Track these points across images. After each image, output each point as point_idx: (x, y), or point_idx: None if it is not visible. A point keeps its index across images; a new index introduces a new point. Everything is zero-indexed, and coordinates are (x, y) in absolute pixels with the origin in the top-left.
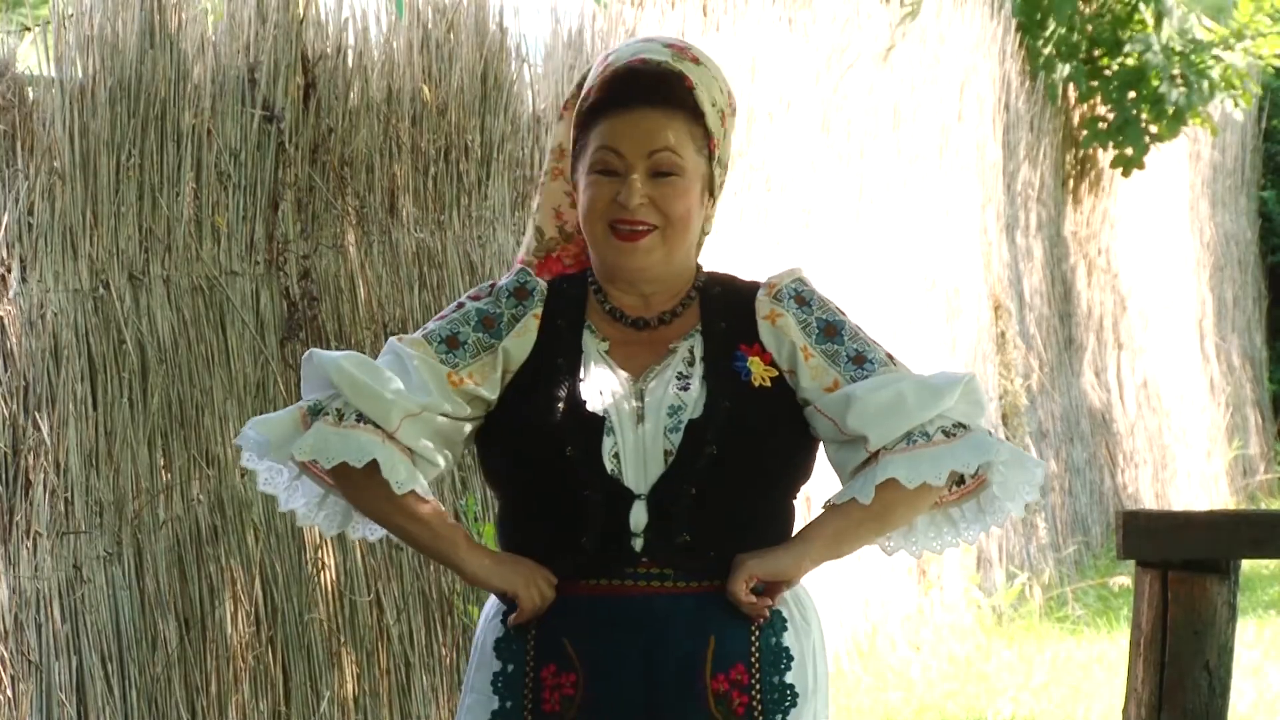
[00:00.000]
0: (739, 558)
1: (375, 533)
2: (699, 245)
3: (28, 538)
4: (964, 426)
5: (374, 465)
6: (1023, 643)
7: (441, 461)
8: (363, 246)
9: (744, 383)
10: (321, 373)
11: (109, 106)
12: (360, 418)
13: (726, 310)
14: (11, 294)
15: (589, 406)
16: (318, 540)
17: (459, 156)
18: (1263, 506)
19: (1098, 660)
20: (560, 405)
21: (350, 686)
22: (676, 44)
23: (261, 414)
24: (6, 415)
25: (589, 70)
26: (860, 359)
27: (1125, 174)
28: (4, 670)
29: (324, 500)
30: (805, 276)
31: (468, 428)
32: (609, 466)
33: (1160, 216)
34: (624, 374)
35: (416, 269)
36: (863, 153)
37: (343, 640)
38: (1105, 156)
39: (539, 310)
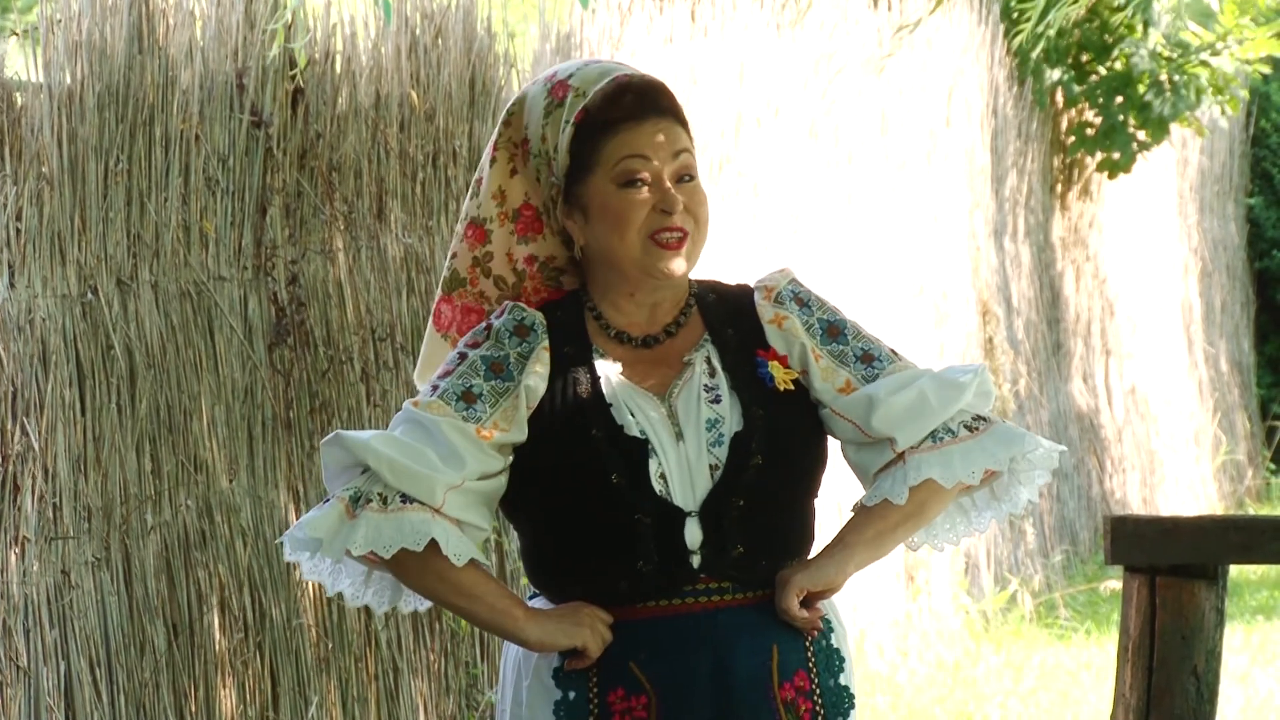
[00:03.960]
0: (782, 574)
1: (425, 604)
2: None
3: (16, 543)
4: (983, 419)
5: (428, 545)
6: (1011, 648)
7: (486, 525)
8: (351, 252)
9: (770, 389)
10: (352, 457)
11: (97, 112)
12: (405, 499)
13: (728, 316)
14: (0, 299)
15: (628, 430)
16: None
17: (447, 162)
18: (1250, 512)
19: (1086, 666)
20: (597, 433)
21: (338, 692)
22: (619, 62)
23: (248, 420)
24: None
25: (516, 106)
26: (868, 357)
27: (1111, 176)
28: None
29: (369, 577)
30: (797, 276)
31: (504, 479)
32: (657, 488)
33: (1148, 222)
34: (649, 393)
35: (404, 274)
36: (851, 158)
37: (330, 646)
38: (1093, 161)
39: (546, 342)
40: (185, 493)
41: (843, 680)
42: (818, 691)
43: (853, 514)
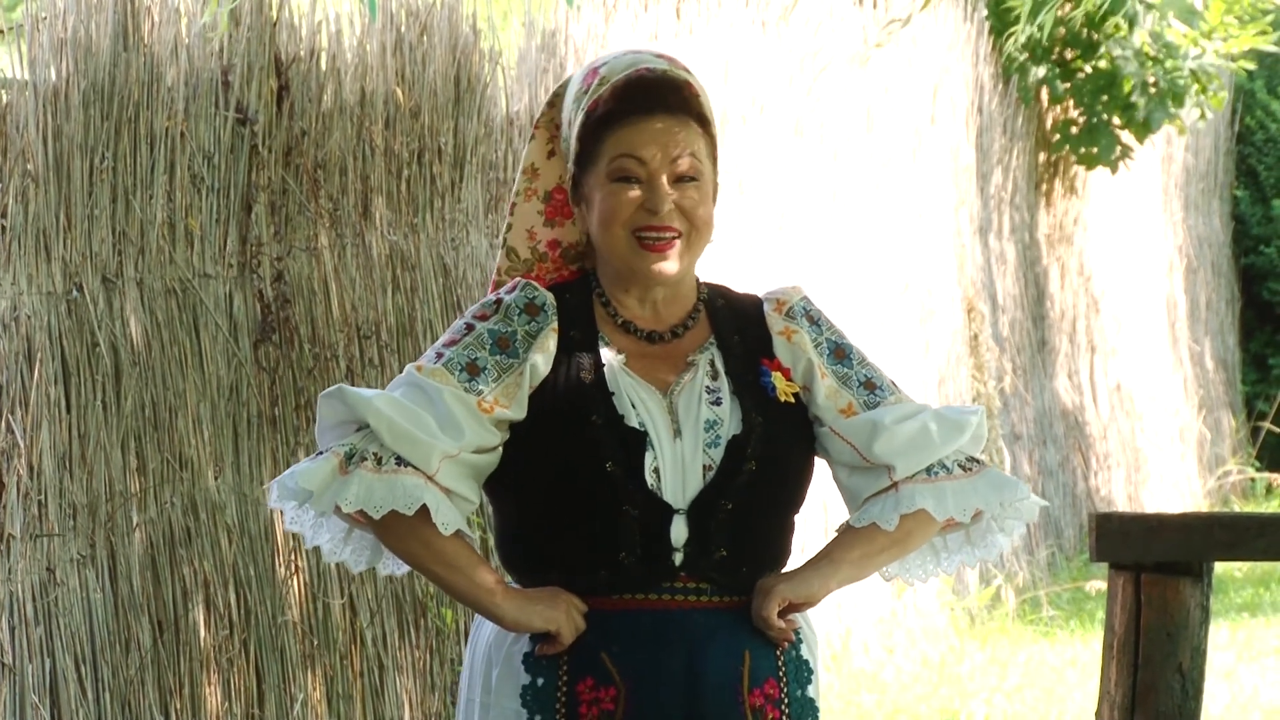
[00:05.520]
0: (765, 582)
1: (403, 568)
2: None
3: (1, 540)
4: (976, 461)
5: (417, 511)
6: (996, 645)
7: (474, 498)
8: (336, 249)
9: (771, 398)
10: (351, 413)
11: (82, 109)
12: (400, 461)
13: (736, 323)
14: None
15: (627, 420)
16: (291, 543)
17: (432, 159)
18: (1235, 509)
19: (1071, 663)
20: (597, 419)
21: (323, 689)
22: (665, 55)
23: (234, 417)
24: None
25: (562, 87)
26: (871, 385)
27: (1089, 167)
28: None
29: (349, 535)
30: (808, 295)
31: (498, 455)
32: (650, 482)
33: (1133, 219)
34: (652, 387)
35: (390, 272)
36: (836, 156)
37: (316, 643)
38: (1078, 160)
39: (554, 324)
40: (170, 490)
41: (810, 692)
42: (786, 701)
43: (838, 533)
